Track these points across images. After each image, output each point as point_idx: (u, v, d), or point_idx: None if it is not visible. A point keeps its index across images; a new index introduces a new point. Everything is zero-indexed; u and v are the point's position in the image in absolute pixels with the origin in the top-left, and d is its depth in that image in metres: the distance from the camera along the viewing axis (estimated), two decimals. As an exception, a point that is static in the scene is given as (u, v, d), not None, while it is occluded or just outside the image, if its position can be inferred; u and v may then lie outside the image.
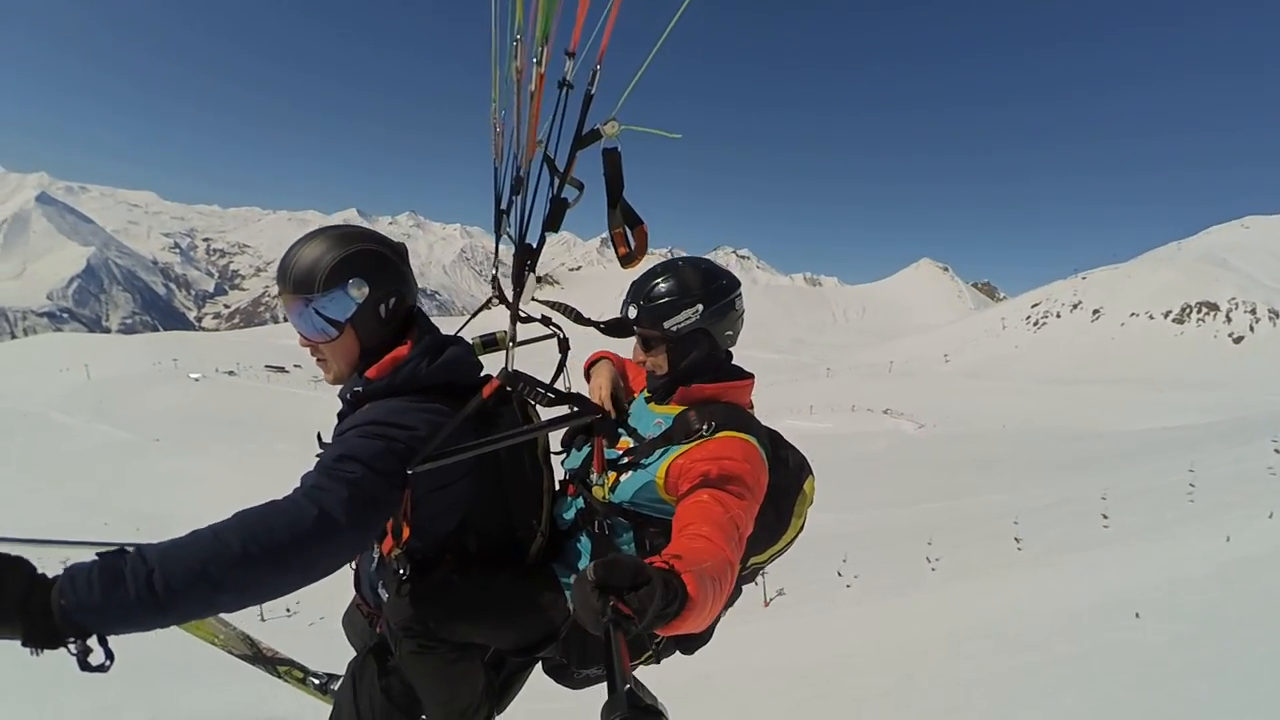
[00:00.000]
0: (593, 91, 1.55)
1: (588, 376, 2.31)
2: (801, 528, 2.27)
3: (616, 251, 1.77)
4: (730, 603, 2.19)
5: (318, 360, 1.80)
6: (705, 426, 1.90)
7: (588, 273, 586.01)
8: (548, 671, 2.22)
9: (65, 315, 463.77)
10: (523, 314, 1.93)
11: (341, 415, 1.78)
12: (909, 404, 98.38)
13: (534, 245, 1.75)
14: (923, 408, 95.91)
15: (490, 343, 2.15)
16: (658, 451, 1.95)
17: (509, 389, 1.81)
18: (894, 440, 78.37)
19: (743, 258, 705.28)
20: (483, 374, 1.94)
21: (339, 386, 1.82)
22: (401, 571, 1.80)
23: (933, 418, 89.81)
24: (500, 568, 1.93)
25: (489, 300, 2.03)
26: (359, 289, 1.69)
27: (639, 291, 2.06)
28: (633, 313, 2.05)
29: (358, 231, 1.75)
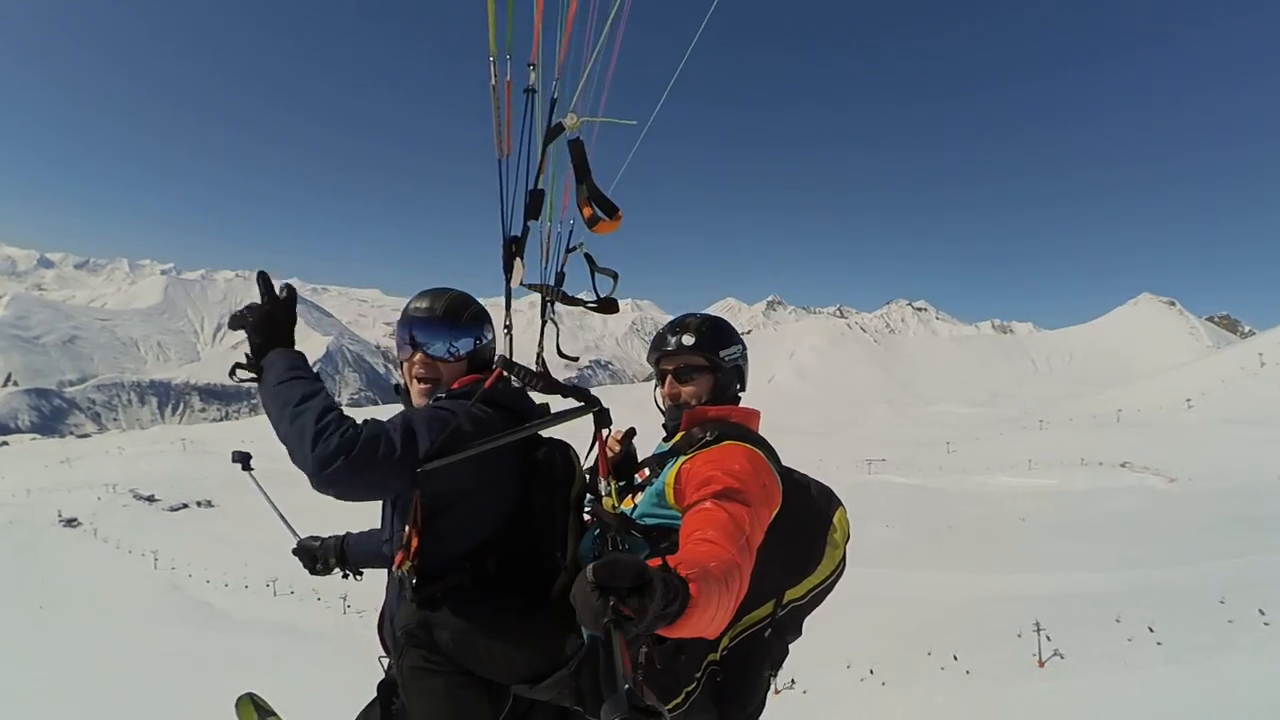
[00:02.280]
0: (555, 96, 1.85)
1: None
2: (841, 562, 2.21)
3: (582, 214, 1.95)
4: (776, 665, 2.13)
5: (423, 382, 2.12)
6: (709, 434, 2.01)
7: (758, 336, 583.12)
8: None
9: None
10: (525, 290, 2.12)
11: None
12: (1150, 457, 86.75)
13: (519, 235, 1.97)
14: (1169, 460, 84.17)
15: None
16: (667, 464, 2.02)
17: (506, 374, 2.00)
18: (1144, 496, 69.18)
19: (919, 310, 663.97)
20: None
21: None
22: (410, 586, 1.85)
23: (1184, 471, 78.18)
24: (516, 592, 1.94)
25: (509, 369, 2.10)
26: (490, 331, 2.21)
27: (689, 325, 2.22)
28: (689, 340, 2.18)
29: (467, 297, 2.22)
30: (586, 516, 2.20)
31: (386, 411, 2.13)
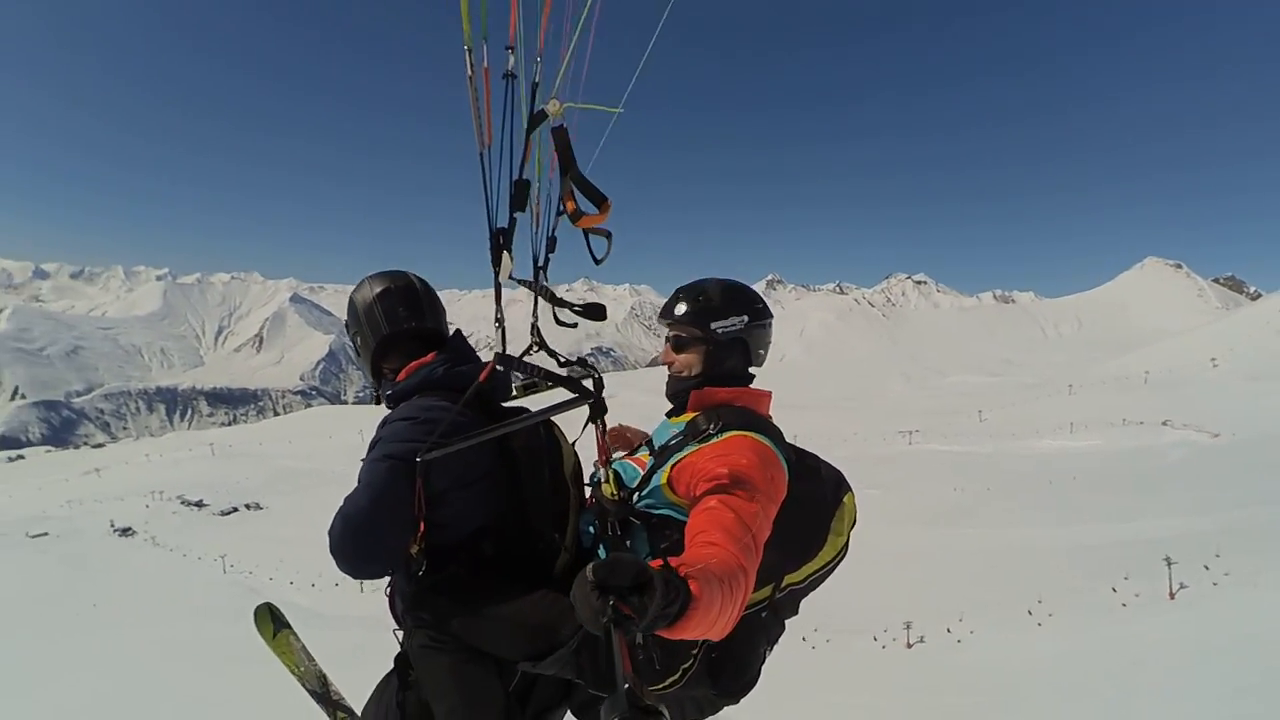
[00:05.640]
0: (537, 80, 1.76)
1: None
2: (844, 549, 2.14)
3: (565, 209, 1.96)
4: (772, 641, 2.11)
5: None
6: (712, 426, 1.92)
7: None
8: (575, 712, 2.18)
9: (314, 393, 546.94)
10: (514, 285, 2.06)
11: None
12: (1186, 414, 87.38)
13: (505, 226, 1.89)
14: (1205, 417, 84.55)
15: (530, 386, 2.29)
16: (669, 457, 1.96)
17: (500, 369, 2.03)
18: (1191, 450, 70.18)
19: (919, 283, 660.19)
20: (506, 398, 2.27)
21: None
22: (419, 570, 1.94)
23: (1224, 426, 78.80)
24: (514, 574, 2.00)
25: (530, 346, 2.16)
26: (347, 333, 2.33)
27: (689, 293, 2.13)
28: (681, 309, 2.10)
29: (357, 287, 2.28)
30: (587, 491, 2.22)
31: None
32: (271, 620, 2.76)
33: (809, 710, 16.50)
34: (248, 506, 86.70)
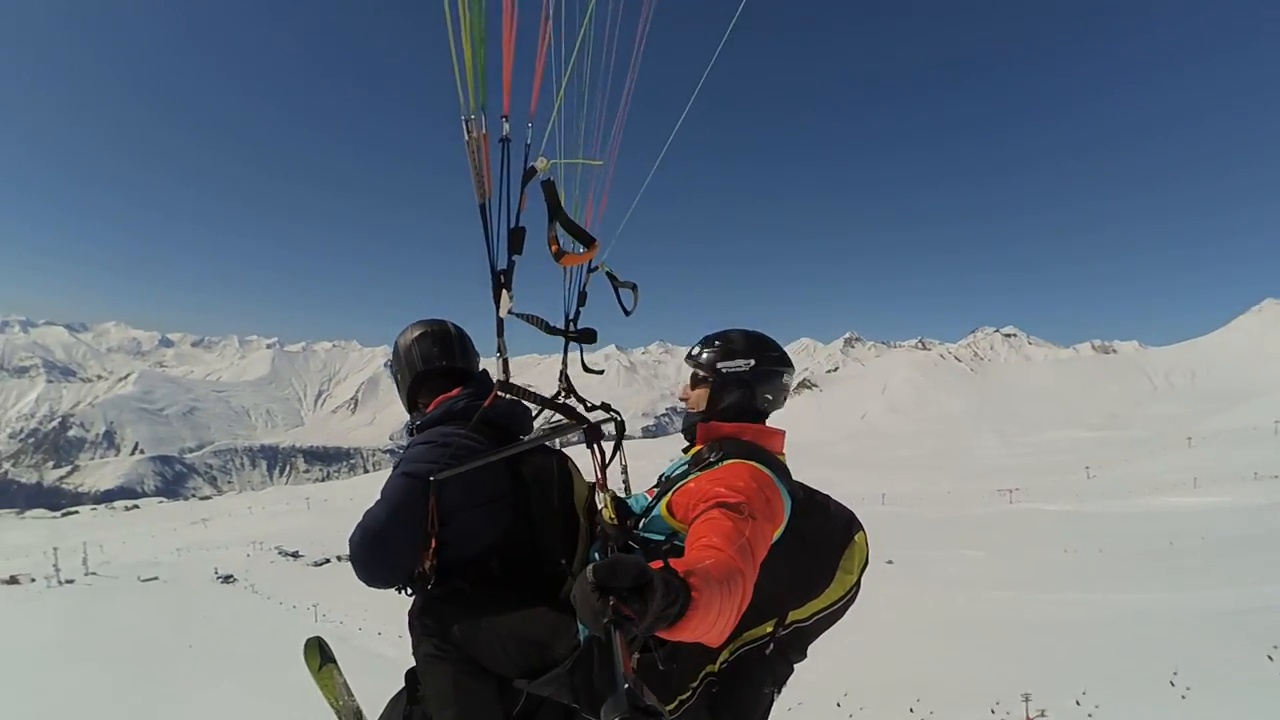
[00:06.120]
0: (528, 143, 2.04)
1: None
2: (854, 588, 2.15)
3: (550, 249, 2.16)
4: (779, 683, 2.05)
5: None
6: (714, 455, 2.03)
7: (844, 372, 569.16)
8: None
9: (401, 451, 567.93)
10: (518, 316, 2.27)
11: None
12: (1328, 468, 78.60)
13: (505, 268, 2.12)
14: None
15: (555, 430, 2.44)
16: (674, 486, 2.04)
17: (502, 395, 2.24)
18: (1340, 509, 62.35)
19: (1008, 336, 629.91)
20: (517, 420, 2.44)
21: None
22: (429, 584, 2.12)
23: (1376, 482, 70.39)
24: (517, 593, 2.08)
25: (558, 393, 2.38)
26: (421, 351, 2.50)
27: (708, 337, 2.30)
28: (697, 350, 2.29)
29: (401, 332, 2.55)
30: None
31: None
32: (319, 654, 2.92)
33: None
34: (339, 558, 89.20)
